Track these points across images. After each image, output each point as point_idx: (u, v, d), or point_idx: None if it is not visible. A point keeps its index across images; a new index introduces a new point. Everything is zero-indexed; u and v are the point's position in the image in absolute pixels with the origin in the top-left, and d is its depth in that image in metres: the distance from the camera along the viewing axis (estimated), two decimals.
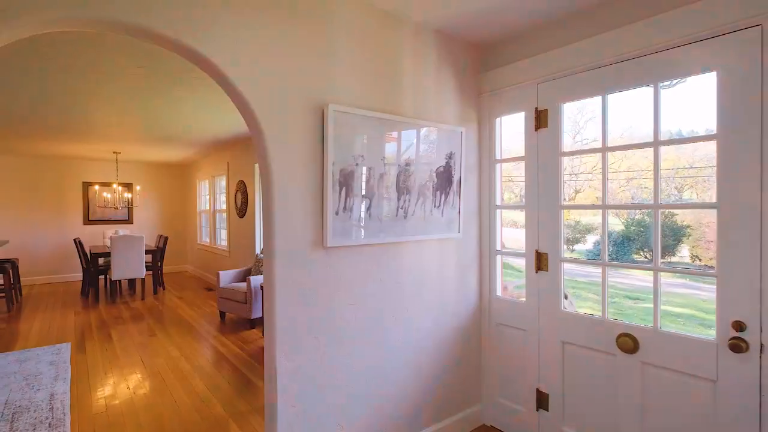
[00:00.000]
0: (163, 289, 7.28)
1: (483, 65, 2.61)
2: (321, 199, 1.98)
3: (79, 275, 8.27)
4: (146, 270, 6.63)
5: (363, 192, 2.08)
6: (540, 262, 2.33)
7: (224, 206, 7.31)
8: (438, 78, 2.41)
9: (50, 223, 8.01)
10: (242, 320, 5.24)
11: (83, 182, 8.30)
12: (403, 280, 2.29)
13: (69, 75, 3.19)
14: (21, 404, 3.11)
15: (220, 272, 5.19)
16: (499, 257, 2.64)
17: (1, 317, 5.57)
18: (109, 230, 8.21)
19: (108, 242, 7.44)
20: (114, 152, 7.25)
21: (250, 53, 1.73)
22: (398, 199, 2.21)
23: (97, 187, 7.20)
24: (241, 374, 3.63)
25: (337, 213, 1.99)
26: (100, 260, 6.86)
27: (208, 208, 8.13)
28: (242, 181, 6.31)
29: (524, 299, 2.43)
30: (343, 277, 2.06)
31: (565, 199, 2.28)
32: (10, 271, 6.15)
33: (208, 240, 8.11)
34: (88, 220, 8.35)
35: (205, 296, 6.72)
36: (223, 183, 7.40)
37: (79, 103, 3.95)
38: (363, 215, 2.09)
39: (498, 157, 2.60)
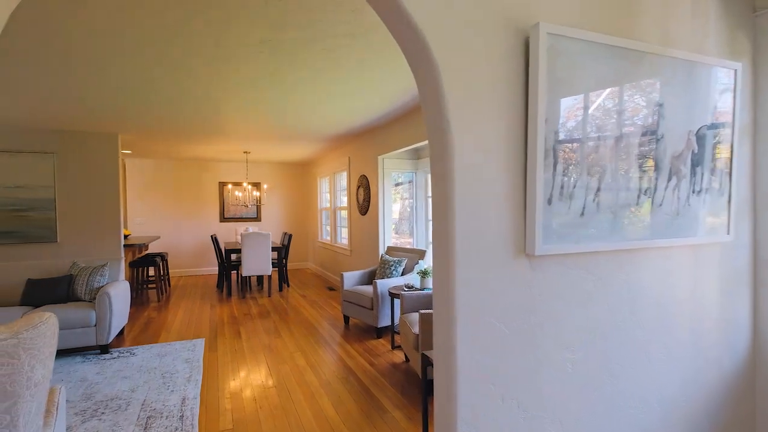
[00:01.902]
0: (288, 286, 7.30)
1: None
2: (523, 179, 1.24)
3: (216, 269, 8.84)
4: (272, 267, 6.65)
5: (589, 168, 1.29)
6: None
7: (345, 203, 7.05)
8: None
9: (193, 220, 8.69)
10: (368, 327, 4.79)
11: (219, 182, 8.85)
12: (641, 307, 1.44)
13: (198, 70, 3.00)
14: (155, 407, 2.97)
15: (344, 274, 4.80)
16: None
17: (153, 306, 5.98)
18: (241, 227, 8.60)
19: (239, 239, 7.73)
20: (244, 152, 7.49)
21: None
22: (639, 179, 1.37)
23: (230, 186, 7.57)
24: (371, 396, 3.09)
25: (549, 201, 1.23)
26: (233, 256, 7.10)
27: (328, 205, 8.01)
28: (364, 176, 5.91)
29: None
30: (554, 303, 1.29)
31: None
32: (161, 264, 6.64)
33: (328, 238, 7.99)
34: (223, 218, 8.88)
35: (326, 296, 6.50)
36: (344, 179, 7.15)
37: (210, 99, 3.84)
38: (588, 205, 1.30)
39: None
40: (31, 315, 1.42)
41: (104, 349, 4.06)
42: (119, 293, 4.29)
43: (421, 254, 4.65)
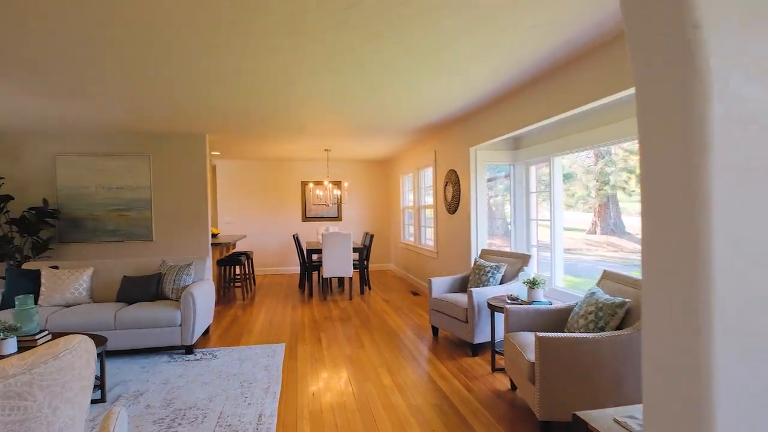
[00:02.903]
0: (369, 289, 6.96)
1: None
2: None
3: (298, 268, 8.84)
4: (353, 268, 6.34)
5: None
6: None
7: (430, 201, 6.52)
8: None
9: (276, 219, 8.77)
10: (460, 342, 4.20)
11: (301, 182, 8.84)
12: None
13: (279, 52, 2.70)
14: (231, 423, 2.70)
15: (432, 280, 4.27)
16: None
17: (238, 305, 5.99)
18: (322, 227, 8.49)
19: (320, 239, 7.58)
20: (325, 150, 7.31)
21: None
22: None
23: (311, 185, 7.48)
24: None
25: None
26: (314, 256, 6.94)
27: (412, 204, 7.53)
28: (453, 170, 5.32)
29: None
30: None
31: None
32: (246, 262, 6.68)
33: (412, 239, 7.52)
34: (305, 217, 8.86)
35: (410, 302, 6.02)
36: (429, 175, 6.62)
37: (292, 87, 3.56)
38: None
39: None
40: (57, 341, 1.09)
41: (189, 350, 3.98)
42: (203, 293, 4.21)
43: (525, 260, 3.95)
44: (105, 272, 4.36)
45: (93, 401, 3.04)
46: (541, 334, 2.38)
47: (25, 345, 3.00)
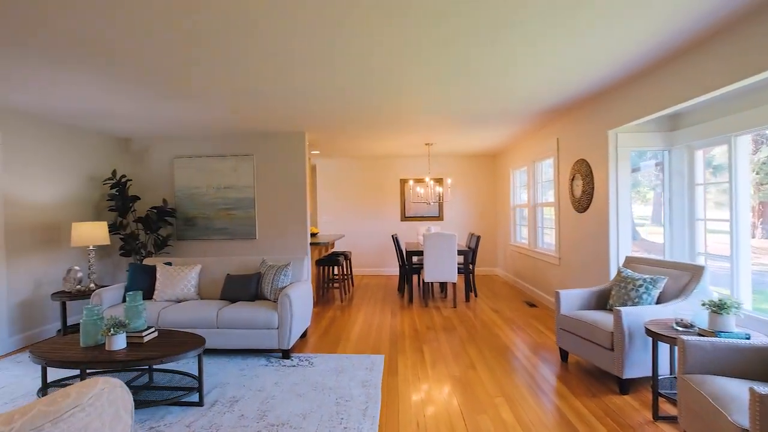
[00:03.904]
0: (475, 296, 6.27)
1: None
2: None
3: (397, 269, 8.47)
4: (457, 272, 5.72)
5: None
6: None
7: (550, 198, 5.61)
8: None
9: (374, 219, 8.52)
10: (600, 373, 3.35)
11: (400, 179, 8.46)
12: None
13: (379, 33, 2.26)
14: None
15: (561, 292, 3.48)
16: None
17: (336, 306, 5.78)
18: (422, 227, 8.00)
19: (421, 239, 7.09)
20: (426, 144, 6.82)
21: None
22: None
23: (411, 182, 7.05)
24: None
25: None
26: (414, 258, 6.47)
27: (525, 201, 6.65)
28: (582, 160, 4.41)
29: None
30: None
31: None
32: (344, 263, 6.48)
33: (525, 241, 6.64)
34: (404, 217, 8.46)
35: (525, 314, 5.21)
36: (549, 168, 5.72)
37: (390, 70, 3.11)
38: None
39: None
40: (67, 390, 0.71)
41: (285, 354, 3.78)
42: (300, 295, 3.99)
43: (696, 273, 2.98)
44: (211, 270, 4.40)
45: (191, 404, 2.92)
46: (764, 391, 1.56)
47: (133, 341, 3.00)
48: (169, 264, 4.35)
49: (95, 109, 4.18)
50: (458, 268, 5.88)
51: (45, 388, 3.01)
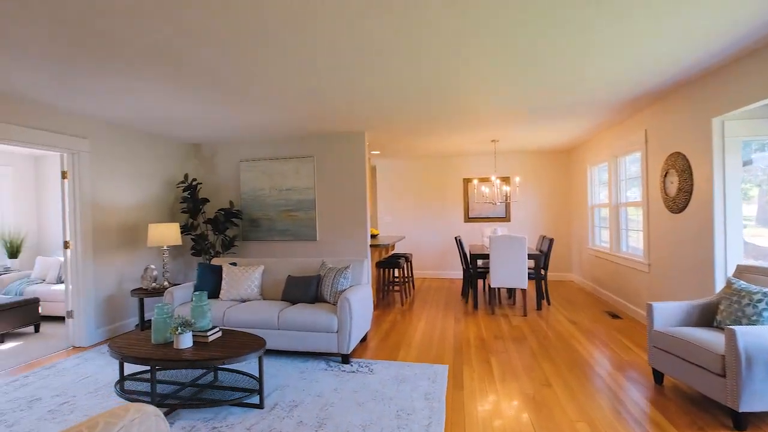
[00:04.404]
0: (548, 303, 5.79)
1: None
2: None
3: (460, 273, 8.13)
4: (527, 278, 5.30)
5: None
6: None
7: (637, 197, 5.01)
8: None
9: (436, 220, 8.25)
10: (706, 401, 2.85)
11: (463, 179, 8.12)
12: None
13: (437, 21, 2.05)
14: None
15: (654, 305, 3.02)
16: None
17: (397, 310, 5.62)
18: (487, 228, 7.60)
19: (486, 242, 6.71)
20: (492, 141, 6.44)
21: None
22: None
23: (475, 181, 6.70)
24: None
25: None
26: (479, 262, 6.13)
27: (605, 201, 6.03)
28: (678, 154, 3.84)
29: None
30: None
31: None
32: (405, 265, 6.30)
33: (606, 245, 6.02)
34: (468, 218, 8.10)
35: (607, 326, 4.68)
36: (636, 163, 5.12)
37: (454, 62, 2.88)
38: None
39: None
40: (102, 416, 0.61)
41: (345, 359, 3.67)
42: (360, 299, 3.87)
43: None
44: (273, 270, 4.43)
45: (251, 406, 2.90)
46: None
47: (199, 340, 3.05)
48: (234, 264, 4.45)
49: (169, 118, 4.39)
50: (529, 274, 5.46)
51: (122, 380, 3.16)
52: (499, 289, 6.07)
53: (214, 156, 5.96)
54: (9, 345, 4.39)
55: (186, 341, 2.95)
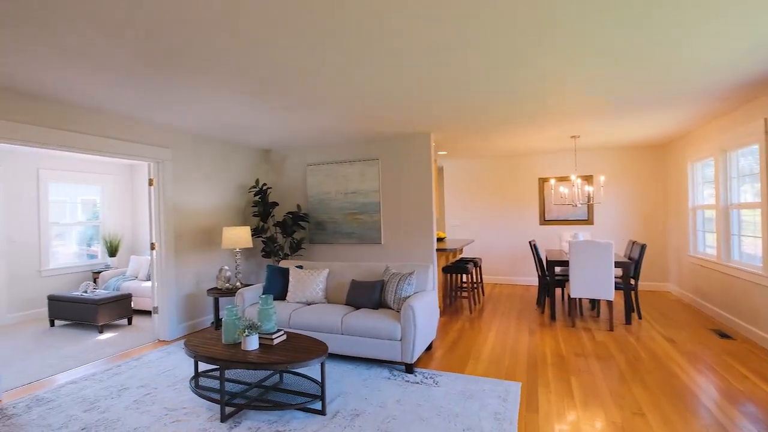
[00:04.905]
0: (639, 317, 5.15)
1: None
2: None
3: (534, 279, 7.60)
4: (614, 288, 4.75)
5: None
6: None
7: (751, 198, 4.27)
8: None
9: (508, 222, 7.79)
10: None
11: (539, 178, 7.57)
12: None
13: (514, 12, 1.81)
14: None
15: None
16: None
17: (464, 317, 5.35)
18: (566, 232, 7.01)
19: (565, 247, 6.18)
20: (572, 137, 5.90)
21: None
22: None
23: (552, 181, 6.18)
24: None
25: None
26: (557, 269, 5.65)
27: (711, 202, 5.24)
28: None
29: None
30: None
31: None
32: (473, 270, 5.99)
33: (712, 252, 5.22)
34: (543, 220, 7.54)
35: (716, 347, 4.02)
36: (750, 158, 4.36)
37: (528, 52, 2.60)
38: None
39: None
40: None
41: (409, 368, 3.52)
42: (425, 307, 3.69)
43: None
44: (338, 274, 4.41)
45: (314, 412, 2.86)
46: None
47: (264, 342, 3.09)
48: (300, 267, 4.51)
49: (241, 125, 4.58)
50: (616, 284, 4.89)
51: (197, 377, 3.29)
52: (580, 299, 5.53)
53: (283, 160, 6.14)
54: (107, 335, 4.86)
55: (252, 343, 2.99)
